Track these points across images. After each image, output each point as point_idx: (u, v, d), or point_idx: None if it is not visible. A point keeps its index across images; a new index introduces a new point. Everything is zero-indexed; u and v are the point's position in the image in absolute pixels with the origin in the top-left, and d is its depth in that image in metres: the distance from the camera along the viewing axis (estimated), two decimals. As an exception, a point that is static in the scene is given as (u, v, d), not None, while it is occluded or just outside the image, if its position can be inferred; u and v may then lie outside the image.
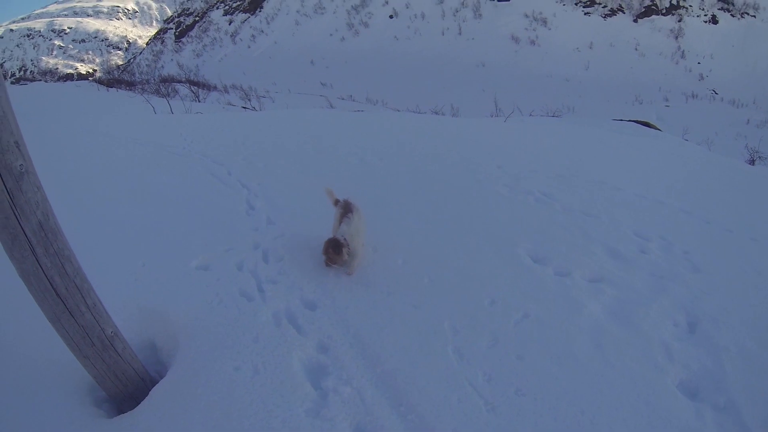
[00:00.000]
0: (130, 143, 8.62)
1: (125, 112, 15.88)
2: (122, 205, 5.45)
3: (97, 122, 11.29)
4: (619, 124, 13.30)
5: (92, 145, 8.62)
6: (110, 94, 24.55)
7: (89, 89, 25.89)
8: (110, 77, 44.66)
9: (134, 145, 8.51)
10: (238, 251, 4.21)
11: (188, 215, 5.11)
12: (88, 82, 34.71)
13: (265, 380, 2.75)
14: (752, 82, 50.41)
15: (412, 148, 8.15)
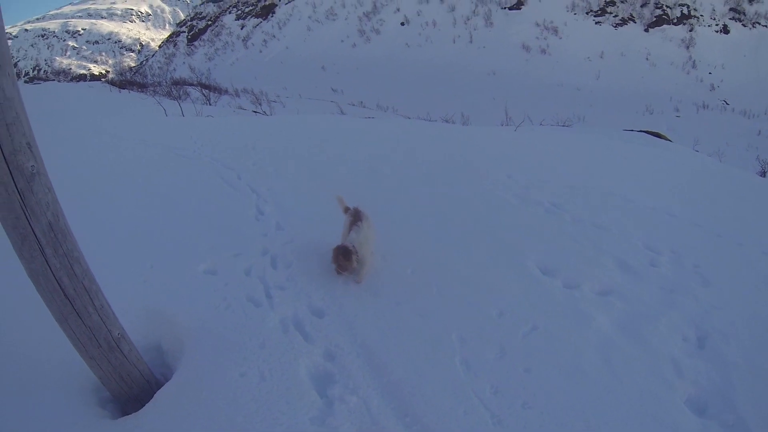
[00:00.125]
0: (140, 144, 8.66)
1: (136, 113, 15.99)
2: (132, 206, 5.48)
3: (107, 123, 11.35)
4: (629, 134, 13.23)
5: (102, 145, 8.66)
6: (122, 95, 24.76)
7: (102, 90, 26.15)
8: (122, 79, 45.17)
9: (144, 146, 8.56)
10: (246, 256, 4.21)
11: (197, 218, 5.12)
12: (100, 83, 35.18)
13: (271, 387, 2.75)
14: (764, 92, 50.06)
15: (422, 155, 8.13)
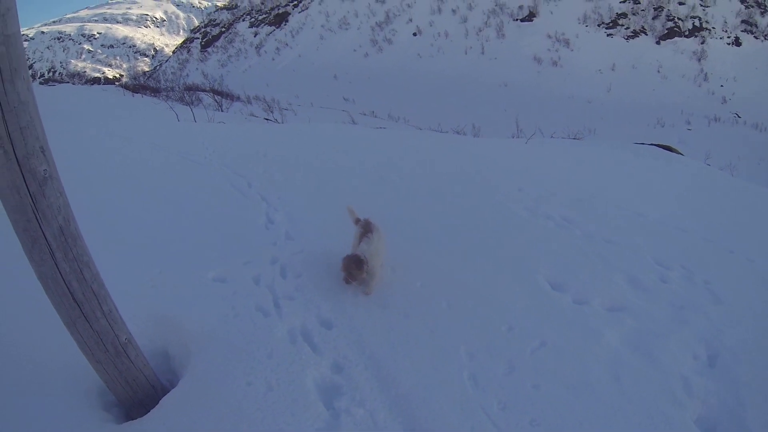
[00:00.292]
0: (151, 148, 8.69)
1: (148, 117, 16.09)
2: (141, 211, 5.49)
3: (119, 126, 11.41)
4: (640, 147, 13.14)
5: (114, 148, 8.70)
6: (135, 99, 24.95)
7: (115, 93, 26.38)
8: (136, 83, 45.72)
9: (155, 150, 8.58)
10: (255, 265, 4.20)
11: (207, 225, 5.13)
12: (114, 86, 35.54)
13: (277, 397, 2.74)
14: (776, 105, 49.74)
15: (432, 167, 8.13)
